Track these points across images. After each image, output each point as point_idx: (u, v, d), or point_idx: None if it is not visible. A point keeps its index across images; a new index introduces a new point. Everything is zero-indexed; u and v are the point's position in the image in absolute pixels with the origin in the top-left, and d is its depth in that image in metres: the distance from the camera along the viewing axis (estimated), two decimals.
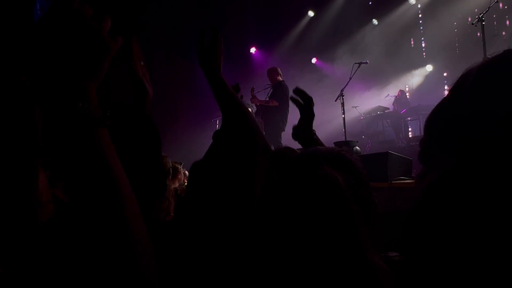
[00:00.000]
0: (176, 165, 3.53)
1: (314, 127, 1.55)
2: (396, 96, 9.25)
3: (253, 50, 10.75)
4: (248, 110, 1.27)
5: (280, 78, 6.31)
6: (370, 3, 10.55)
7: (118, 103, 1.05)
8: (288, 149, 1.62)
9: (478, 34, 4.80)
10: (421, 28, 10.56)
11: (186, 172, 3.96)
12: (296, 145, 1.50)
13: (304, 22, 10.74)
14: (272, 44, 10.54)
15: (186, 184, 3.76)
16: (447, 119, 0.77)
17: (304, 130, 1.45)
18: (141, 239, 0.52)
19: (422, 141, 0.87)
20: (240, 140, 1.20)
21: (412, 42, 10.59)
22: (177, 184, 3.66)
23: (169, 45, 9.01)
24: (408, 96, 9.54)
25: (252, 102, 6.53)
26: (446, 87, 9.92)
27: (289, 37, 10.69)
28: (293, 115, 7.21)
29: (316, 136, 1.44)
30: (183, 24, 8.78)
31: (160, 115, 8.46)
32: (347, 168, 0.83)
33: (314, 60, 10.90)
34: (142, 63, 1.27)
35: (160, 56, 8.64)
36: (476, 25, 4.60)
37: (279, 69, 6.46)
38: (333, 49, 10.22)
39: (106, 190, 0.51)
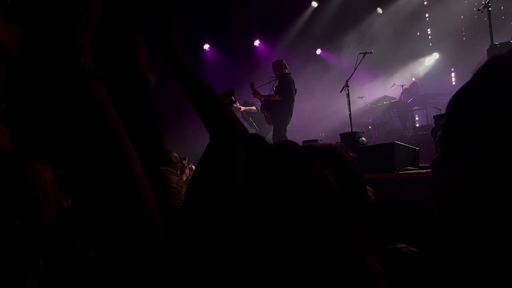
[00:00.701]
0: (183, 161, 3.54)
1: (319, 119, 1.52)
2: (407, 87, 9.14)
3: (257, 43, 10.69)
4: (217, 93, 1.16)
5: (286, 71, 6.25)
6: None
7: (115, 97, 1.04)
8: (289, 142, 1.60)
9: (485, 19, 4.72)
10: (427, 15, 10.43)
11: (193, 166, 3.98)
12: (300, 139, 1.48)
13: (307, 13, 10.65)
14: (276, 36, 10.47)
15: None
16: (479, 98, 0.77)
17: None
18: (140, 178, 0.55)
19: (443, 125, 0.86)
20: (216, 128, 1.13)
21: (417, 31, 10.46)
22: (184, 179, 3.67)
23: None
24: (418, 88, 9.42)
25: (254, 97, 6.50)
26: (453, 75, 9.81)
27: (293, 29, 10.61)
28: (299, 108, 7.19)
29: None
30: (186, 18, 8.75)
31: (164, 110, 8.46)
32: (339, 166, 0.80)
33: (319, 51, 10.83)
34: (143, 49, 1.21)
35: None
36: (482, 11, 4.53)
37: (284, 61, 6.38)
38: (338, 39, 10.14)
39: (106, 135, 0.54)
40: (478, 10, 4.60)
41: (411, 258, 1.16)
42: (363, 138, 4.64)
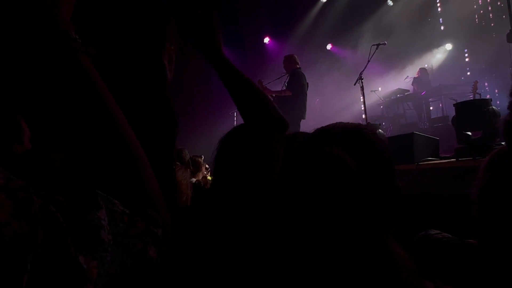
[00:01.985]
0: (197, 158, 3.50)
1: (331, 115, 1.48)
2: (415, 76, 8.99)
3: (266, 40, 10.64)
4: (258, 87, 1.20)
5: (297, 66, 6.18)
6: None
7: (132, 82, 1.03)
8: (299, 133, 1.57)
9: (499, 3, 4.58)
10: (438, 5, 10.25)
11: (207, 165, 3.95)
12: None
13: (316, 8, 10.56)
14: (285, 33, 10.41)
15: (208, 177, 3.74)
16: None
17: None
18: (131, 139, 0.57)
19: None
20: (253, 117, 1.15)
21: (430, 21, 10.28)
22: (200, 177, 3.64)
23: (181, 38, 8.99)
24: (429, 74, 9.26)
25: None
26: (467, 64, 9.61)
27: (302, 25, 10.53)
28: (310, 104, 7.12)
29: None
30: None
31: (176, 110, 8.48)
32: (364, 148, 0.74)
33: (329, 46, 10.72)
34: (172, 47, 1.25)
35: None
36: None
37: (295, 56, 6.30)
38: (348, 34, 10.03)
39: (99, 103, 0.56)
40: None
41: (446, 244, 1.13)
42: (381, 130, 4.56)
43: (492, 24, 8.87)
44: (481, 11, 9.21)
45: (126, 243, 0.44)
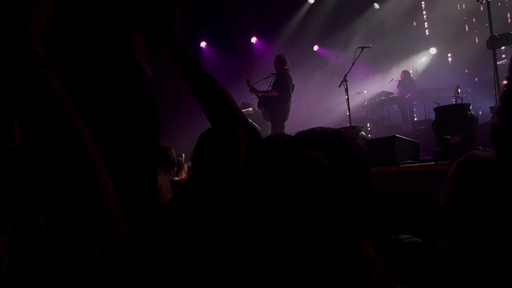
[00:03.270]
0: (178, 158, 3.49)
1: (316, 116, 1.49)
2: (399, 79, 9.14)
3: (254, 40, 10.65)
4: (219, 83, 1.14)
5: (285, 67, 6.24)
6: None
7: (112, 85, 1.02)
8: (280, 135, 1.58)
9: (481, 8, 4.70)
10: (424, 9, 10.41)
11: (190, 163, 3.93)
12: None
13: (304, 9, 10.61)
14: (273, 33, 10.43)
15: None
16: None
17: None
18: (94, 157, 0.57)
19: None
20: (216, 115, 1.13)
21: (415, 25, 10.44)
22: (183, 176, 3.64)
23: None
24: (412, 77, 9.41)
25: (251, 93, 6.47)
26: (450, 62, 9.78)
27: (289, 26, 10.57)
28: (297, 105, 7.13)
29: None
30: (184, 14, 8.70)
31: (162, 108, 8.43)
32: (340, 151, 0.76)
33: (316, 48, 10.79)
34: (138, 40, 1.20)
35: (160, 47, 8.57)
36: (482, 2, 4.50)
37: (286, 58, 6.35)
38: (335, 35, 10.10)
39: (63, 120, 0.56)
40: (477, 1, 4.57)
41: (415, 249, 1.16)
42: (363, 132, 4.63)
43: (475, 31, 9.05)
44: (465, 17, 9.39)
45: (37, 264, 0.44)
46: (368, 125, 9.49)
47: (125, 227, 0.58)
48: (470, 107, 3.39)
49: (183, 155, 3.83)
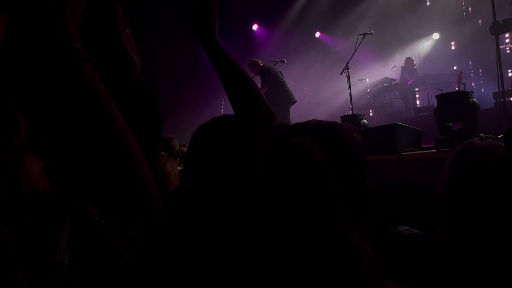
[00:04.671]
0: (182, 148, 3.50)
1: (319, 103, 1.49)
2: (403, 65, 9.07)
3: (255, 27, 10.57)
4: (249, 76, 1.21)
5: (260, 65, 6.32)
6: None
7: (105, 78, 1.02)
8: (280, 124, 1.58)
9: None
10: None
11: None
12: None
13: None
14: (274, 20, 10.34)
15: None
16: None
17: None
18: (134, 148, 0.60)
19: None
20: (243, 106, 1.16)
21: (418, 10, 10.31)
22: None
23: (169, 25, 8.89)
24: (415, 64, 9.33)
25: None
26: (454, 54, 9.69)
27: (291, 12, 10.46)
28: (298, 92, 7.08)
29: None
30: (183, 3, 8.63)
31: (164, 98, 8.42)
32: (334, 143, 0.74)
33: (318, 34, 10.70)
34: (128, 32, 1.19)
35: (161, 37, 8.54)
36: None
37: (255, 59, 6.47)
38: (337, 22, 10.00)
39: (102, 113, 0.59)
40: None
41: (413, 240, 1.17)
42: (365, 120, 4.62)
43: (479, 16, 8.94)
44: (469, 1, 9.27)
45: (93, 253, 0.48)
46: (370, 112, 9.44)
47: (164, 215, 0.61)
48: (474, 94, 3.37)
49: (186, 145, 3.85)
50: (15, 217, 0.43)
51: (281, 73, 6.28)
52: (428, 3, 10.24)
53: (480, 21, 8.81)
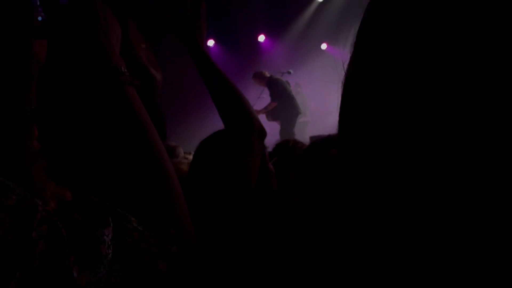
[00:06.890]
0: (187, 156, 3.51)
1: (325, 114, 1.49)
2: None
3: (262, 38, 10.64)
4: (239, 89, 1.16)
5: (268, 76, 6.29)
6: None
7: None
8: (286, 141, 1.58)
9: None
10: None
11: None
12: (307, 135, 1.46)
13: (312, 7, 10.57)
14: (280, 31, 10.41)
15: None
16: None
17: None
18: (169, 167, 0.63)
19: None
20: (232, 124, 1.13)
21: None
22: None
23: (175, 33, 8.91)
24: None
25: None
26: None
27: (297, 24, 10.54)
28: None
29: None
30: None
31: (169, 106, 8.45)
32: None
33: (324, 46, 10.75)
34: (143, 46, 1.20)
35: (166, 45, 8.59)
36: None
37: (261, 71, 6.47)
38: (344, 33, 10.00)
39: (142, 134, 0.62)
40: None
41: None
42: None
43: None
44: None
45: (132, 255, 0.51)
46: None
47: (193, 229, 0.64)
48: None
49: (191, 153, 3.86)
50: (66, 215, 0.47)
51: (289, 83, 6.28)
52: None
53: None
